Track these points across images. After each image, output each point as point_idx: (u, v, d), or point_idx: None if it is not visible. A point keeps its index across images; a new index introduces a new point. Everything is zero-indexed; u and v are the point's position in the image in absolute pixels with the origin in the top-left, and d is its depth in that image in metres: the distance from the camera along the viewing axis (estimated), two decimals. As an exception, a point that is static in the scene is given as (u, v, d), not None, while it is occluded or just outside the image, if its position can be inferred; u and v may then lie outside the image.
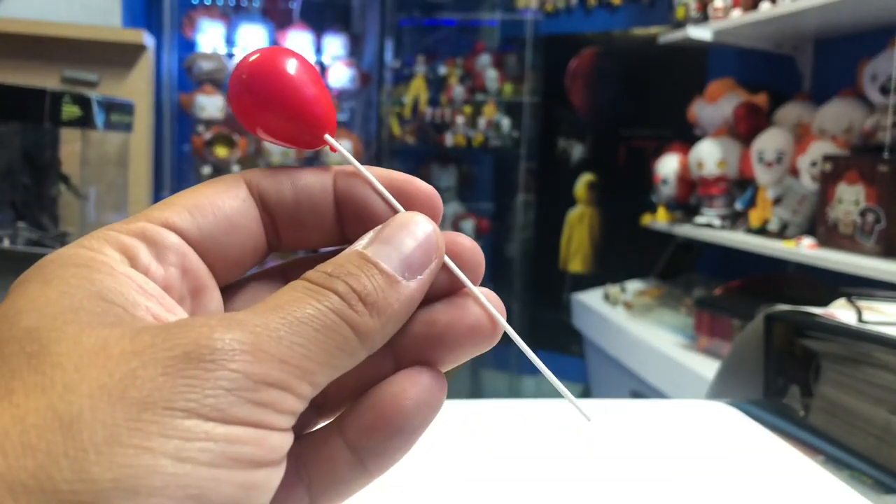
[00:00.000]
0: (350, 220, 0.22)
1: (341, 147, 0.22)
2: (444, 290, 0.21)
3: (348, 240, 0.21)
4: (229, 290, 0.22)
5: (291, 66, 0.21)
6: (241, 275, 0.22)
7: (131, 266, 0.19)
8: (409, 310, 0.20)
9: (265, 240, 0.22)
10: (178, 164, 2.47)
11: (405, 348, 0.21)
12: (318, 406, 0.22)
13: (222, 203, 0.21)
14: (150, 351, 0.16)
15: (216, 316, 0.17)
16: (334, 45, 2.57)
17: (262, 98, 0.21)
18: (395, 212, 0.21)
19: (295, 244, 0.22)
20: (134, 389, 0.15)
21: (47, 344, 0.16)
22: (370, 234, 0.20)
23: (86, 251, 0.19)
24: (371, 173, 0.22)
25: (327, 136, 0.22)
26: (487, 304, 0.21)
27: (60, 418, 0.15)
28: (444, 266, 0.21)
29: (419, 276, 0.20)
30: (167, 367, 0.16)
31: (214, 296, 0.21)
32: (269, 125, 0.21)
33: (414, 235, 0.20)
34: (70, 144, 1.51)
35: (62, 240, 1.33)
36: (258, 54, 0.21)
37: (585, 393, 2.41)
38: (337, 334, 0.18)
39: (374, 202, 0.22)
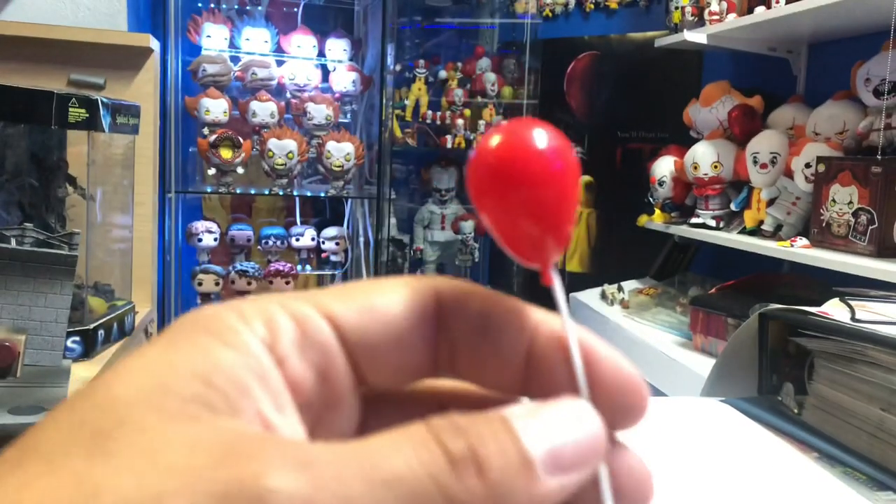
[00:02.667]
0: (537, 377, 0.18)
1: (560, 292, 0.18)
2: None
3: (528, 394, 0.18)
4: (375, 402, 0.19)
5: (537, 167, 0.17)
6: (393, 388, 0.19)
7: (269, 349, 0.17)
8: None
9: (434, 366, 0.19)
10: (184, 165, 2.49)
11: None
12: None
13: (400, 313, 0.18)
14: (194, 474, 0.13)
15: (286, 446, 0.14)
16: (337, 48, 2.59)
17: (494, 196, 0.18)
18: (577, 392, 0.17)
19: (467, 378, 0.19)
20: None
21: (113, 427, 0.14)
22: (529, 404, 0.16)
23: (232, 317, 0.17)
24: (578, 336, 0.18)
25: (552, 272, 0.19)
26: None
27: None
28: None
29: (562, 477, 0.15)
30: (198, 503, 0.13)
31: (350, 415, 0.18)
32: (500, 225, 0.18)
33: (576, 427, 0.16)
34: (76, 146, 1.52)
35: (69, 240, 1.34)
36: (504, 136, 0.18)
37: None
38: None
39: (567, 372, 0.18)
